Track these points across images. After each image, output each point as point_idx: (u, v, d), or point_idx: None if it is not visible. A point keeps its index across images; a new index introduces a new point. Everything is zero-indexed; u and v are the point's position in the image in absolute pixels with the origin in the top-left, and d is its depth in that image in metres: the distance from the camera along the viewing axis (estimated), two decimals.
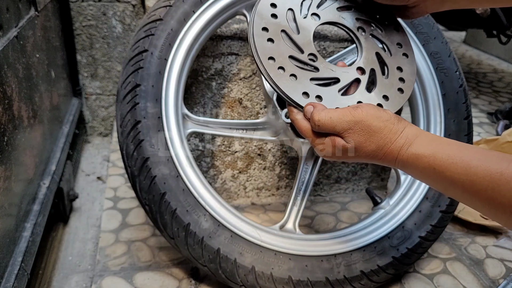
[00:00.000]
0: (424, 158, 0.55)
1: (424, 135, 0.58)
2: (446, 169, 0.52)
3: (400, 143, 0.58)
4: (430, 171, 0.54)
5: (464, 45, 3.01)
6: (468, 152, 0.51)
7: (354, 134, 0.60)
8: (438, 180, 0.54)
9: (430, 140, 0.56)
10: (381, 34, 0.74)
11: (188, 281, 0.93)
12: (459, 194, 0.52)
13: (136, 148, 0.82)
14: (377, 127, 0.59)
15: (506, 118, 1.77)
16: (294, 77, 0.67)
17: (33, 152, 0.92)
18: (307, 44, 0.70)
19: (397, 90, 0.72)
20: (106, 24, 1.40)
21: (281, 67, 0.67)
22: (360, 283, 0.87)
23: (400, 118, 0.62)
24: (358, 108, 0.61)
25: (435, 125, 0.96)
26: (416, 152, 0.56)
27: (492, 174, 0.47)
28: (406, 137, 0.58)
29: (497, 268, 1.02)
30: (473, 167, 0.49)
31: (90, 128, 1.57)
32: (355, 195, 1.28)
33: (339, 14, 0.73)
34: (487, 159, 0.48)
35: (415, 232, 0.91)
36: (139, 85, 0.84)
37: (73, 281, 0.96)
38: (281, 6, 0.70)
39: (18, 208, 0.81)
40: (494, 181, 0.46)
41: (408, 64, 0.74)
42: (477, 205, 0.50)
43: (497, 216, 0.48)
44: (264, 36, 0.68)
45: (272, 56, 0.67)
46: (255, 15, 0.68)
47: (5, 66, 0.75)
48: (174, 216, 0.82)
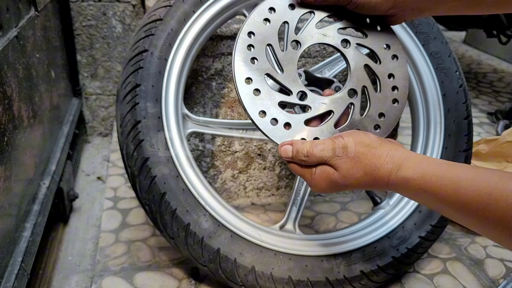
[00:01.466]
0: (414, 181, 0.54)
1: (411, 157, 0.57)
2: (436, 191, 0.52)
3: (388, 168, 0.57)
4: (421, 193, 0.54)
5: (464, 45, 3.01)
6: (457, 172, 0.51)
7: (340, 160, 0.60)
8: (430, 201, 0.54)
9: (418, 162, 0.56)
10: (366, 41, 0.70)
11: (188, 281, 0.93)
12: (451, 214, 0.52)
13: (136, 148, 0.82)
14: (361, 153, 0.59)
15: (506, 118, 1.77)
16: (289, 126, 0.65)
17: (33, 152, 0.92)
18: (293, 81, 0.67)
19: (391, 102, 0.69)
20: (106, 24, 1.40)
21: (274, 118, 0.65)
22: (360, 283, 0.87)
23: (383, 140, 0.61)
24: (339, 136, 0.62)
25: (435, 125, 0.96)
26: (406, 176, 0.55)
27: (481, 194, 0.47)
28: (393, 161, 0.58)
29: (497, 268, 1.02)
30: (463, 188, 0.49)
31: (90, 128, 1.57)
32: (355, 195, 1.28)
33: (319, 32, 0.69)
34: (476, 178, 0.48)
35: (415, 232, 0.91)
36: (139, 85, 0.84)
37: (73, 281, 0.96)
38: (258, 45, 0.66)
39: (18, 208, 0.81)
40: (484, 201, 0.46)
41: (399, 67, 0.71)
42: (470, 223, 0.50)
43: (489, 234, 0.49)
44: (250, 88, 0.65)
45: (263, 110, 0.64)
46: (235, 65, 0.65)
47: (5, 66, 0.75)
48: (174, 216, 0.82)
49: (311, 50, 1.07)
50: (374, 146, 0.59)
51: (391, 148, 0.59)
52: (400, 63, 0.71)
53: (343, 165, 0.60)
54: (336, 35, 0.69)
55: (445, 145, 0.95)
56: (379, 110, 0.69)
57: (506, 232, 0.45)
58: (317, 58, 1.08)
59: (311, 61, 1.08)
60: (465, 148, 0.95)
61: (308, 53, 1.07)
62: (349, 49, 0.70)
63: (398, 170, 0.56)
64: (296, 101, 0.67)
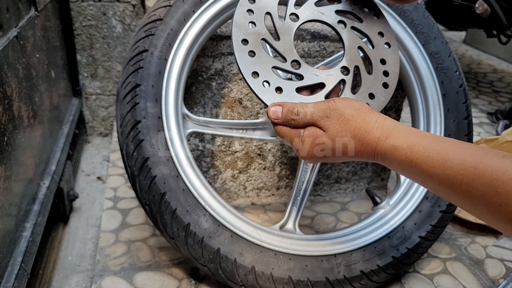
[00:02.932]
0: (402, 150, 0.54)
1: (401, 127, 0.57)
2: (423, 162, 0.52)
3: (377, 134, 0.57)
4: (407, 164, 0.54)
5: (464, 45, 3.01)
6: (445, 145, 0.51)
7: (330, 122, 0.59)
8: (415, 172, 0.54)
9: (407, 132, 0.56)
10: (361, 25, 0.72)
11: (188, 281, 0.93)
12: (436, 187, 0.52)
13: (136, 148, 0.82)
14: (350, 115, 0.59)
15: (506, 118, 1.77)
16: (280, 90, 0.66)
17: (33, 152, 0.92)
18: (288, 50, 0.68)
19: (382, 85, 0.70)
20: (106, 24, 1.40)
21: (266, 81, 0.66)
22: (360, 283, 0.87)
23: (372, 109, 0.61)
24: (331, 99, 0.62)
25: (435, 125, 0.96)
26: (394, 144, 0.55)
27: (466, 168, 0.47)
28: (382, 128, 0.57)
29: (497, 268, 1.02)
30: (449, 160, 0.49)
31: (90, 128, 1.57)
32: (355, 195, 1.28)
33: (318, 10, 0.71)
34: (463, 152, 0.49)
35: (415, 232, 0.91)
36: (139, 85, 0.84)
37: (73, 281, 0.96)
38: (258, 12, 0.68)
39: (18, 208, 0.81)
40: (468, 175, 0.47)
41: (391, 55, 0.72)
42: (453, 198, 0.50)
43: (471, 210, 0.49)
44: (244, 50, 0.66)
45: (256, 71, 0.65)
46: (233, 27, 0.66)
47: (5, 66, 0.75)
48: (174, 216, 0.82)
49: (311, 50, 1.07)
50: (364, 111, 0.59)
51: (381, 116, 0.59)
52: (392, 51, 0.73)
53: (332, 127, 0.59)
54: (333, 16, 0.72)
55: None
56: (369, 90, 0.70)
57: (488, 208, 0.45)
58: (317, 58, 1.08)
59: (311, 61, 1.08)
60: None
61: (308, 53, 1.07)
62: (344, 30, 0.72)
63: (387, 138, 0.56)
64: (289, 68, 0.67)
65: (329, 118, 0.60)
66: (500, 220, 0.44)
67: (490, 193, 0.44)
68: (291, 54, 0.68)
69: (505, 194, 0.43)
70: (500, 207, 0.43)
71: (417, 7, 0.97)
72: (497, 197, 0.44)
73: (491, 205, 0.44)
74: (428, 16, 0.98)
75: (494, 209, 0.44)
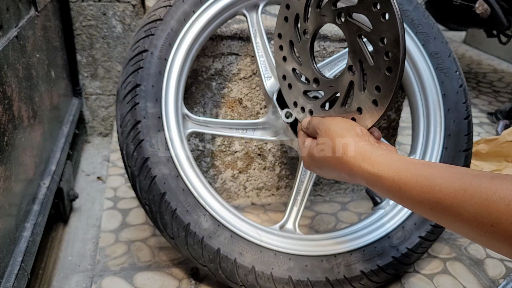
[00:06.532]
0: (389, 178, 0.55)
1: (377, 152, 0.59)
2: (412, 188, 0.52)
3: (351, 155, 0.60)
4: (396, 191, 0.54)
5: (464, 45, 3.01)
6: (432, 170, 0.51)
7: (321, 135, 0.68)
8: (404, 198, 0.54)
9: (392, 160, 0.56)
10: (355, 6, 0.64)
11: (188, 281, 0.93)
12: (426, 212, 0.52)
13: (136, 148, 0.82)
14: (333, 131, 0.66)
15: (506, 118, 1.77)
16: (311, 112, 0.77)
17: (33, 152, 0.92)
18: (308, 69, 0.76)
19: (385, 72, 0.63)
20: (106, 24, 1.40)
21: (302, 107, 0.79)
22: (360, 283, 0.87)
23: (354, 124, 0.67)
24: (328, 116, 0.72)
25: (435, 125, 0.96)
26: (380, 173, 0.56)
27: (456, 191, 0.47)
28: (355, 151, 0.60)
29: (497, 268, 1.02)
30: (437, 185, 0.49)
31: (90, 128, 1.57)
32: (355, 195, 1.28)
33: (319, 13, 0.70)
34: (451, 176, 0.48)
35: (415, 232, 0.91)
36: (139, 85, 0.84)
37: (73, 281, 0.96)
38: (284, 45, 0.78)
39: (18, 208, 0.81)
40: (459, 198, 0.46)
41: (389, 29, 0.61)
42: (445, 222, 0.50)
43: (464, 233, 0.48)
44: (284, 84, 0.81)
45: (295, 101, 0.80)
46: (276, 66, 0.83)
47: (5, 66, 0.75)
48: (174, 216, 0.82)
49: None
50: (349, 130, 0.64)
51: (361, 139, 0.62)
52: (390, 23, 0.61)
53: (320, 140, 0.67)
54: (331, 11, 0.69)
55: (445, 145, 0.95)
56: (374, 83, 0.65)
57: (480, 229, 0.45)
58: (317, 58, 1.08)
59: None
60: (465, 148, 0.95)
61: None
62: (343, 23, 0.68)
63: (362, 160, 0.59)
64: (313, 88, 0.76)
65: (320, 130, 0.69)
66: (494, 240, 0.43)
67: (482, 214, 0.44)
68: (309, 72, 0.76)
69: (496, 213, 0.42)
70: (492, 227, 0.43)
71: (417, 7, 0.97)
72: (488, 218, 0.43)
73: (483, 226, 0.44)
74: (428, 16, 0.98)
75: (487, 229, 0.43)
